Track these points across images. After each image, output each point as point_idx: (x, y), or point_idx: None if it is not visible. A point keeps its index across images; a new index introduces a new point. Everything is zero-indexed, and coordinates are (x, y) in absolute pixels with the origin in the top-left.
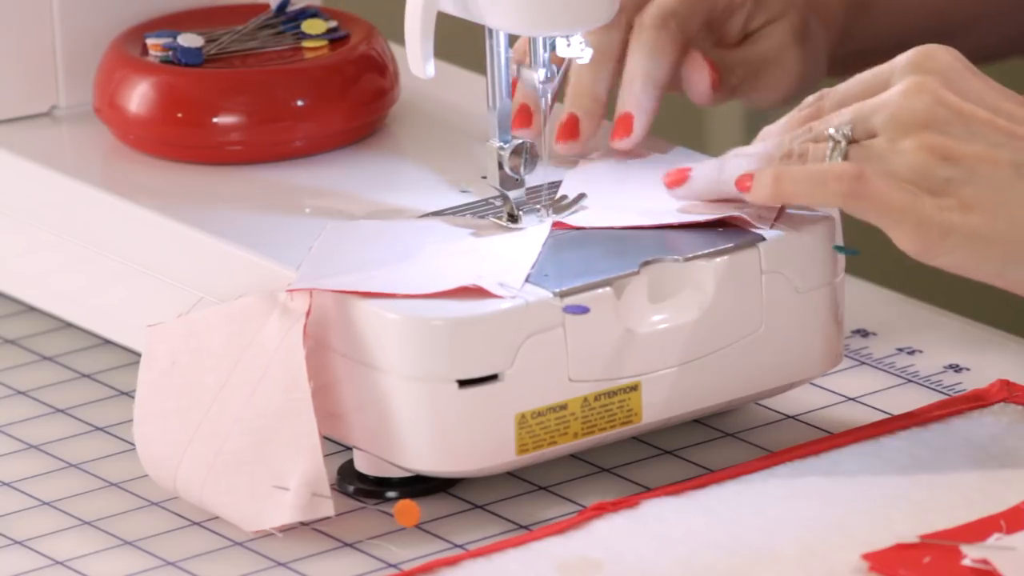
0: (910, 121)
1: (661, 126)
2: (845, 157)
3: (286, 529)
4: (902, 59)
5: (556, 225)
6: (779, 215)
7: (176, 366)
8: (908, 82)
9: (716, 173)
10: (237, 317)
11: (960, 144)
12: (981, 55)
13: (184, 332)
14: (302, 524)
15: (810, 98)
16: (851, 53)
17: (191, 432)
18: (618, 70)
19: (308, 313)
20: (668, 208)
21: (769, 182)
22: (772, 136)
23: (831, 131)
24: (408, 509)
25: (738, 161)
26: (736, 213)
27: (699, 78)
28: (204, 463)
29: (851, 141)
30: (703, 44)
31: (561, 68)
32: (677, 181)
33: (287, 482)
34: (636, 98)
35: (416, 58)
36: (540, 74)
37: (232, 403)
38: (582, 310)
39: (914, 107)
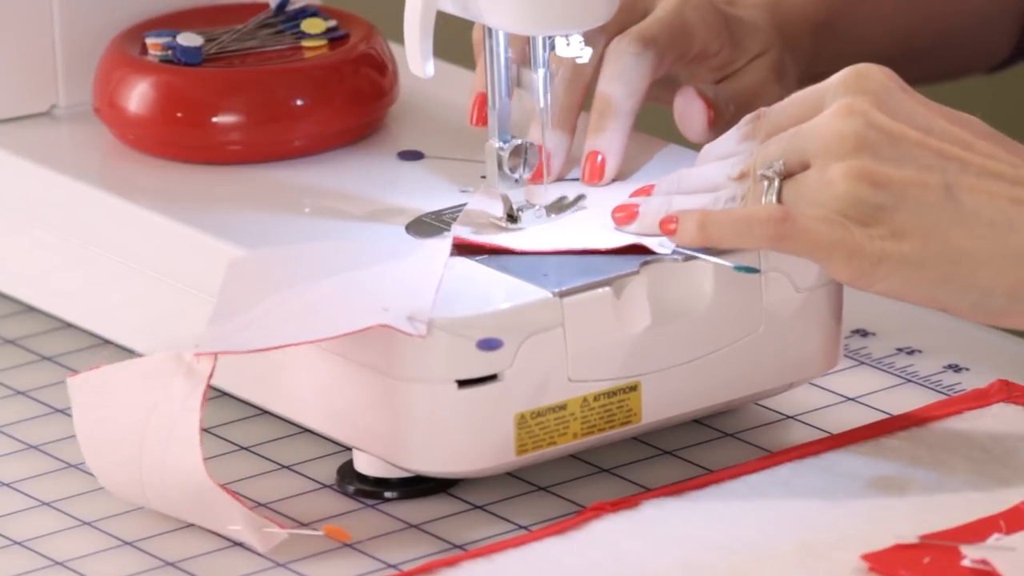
0: (840, 146)
1: (660, 124)
2: (779, 193)
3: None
4: (836, 79)
5: (457, 242)
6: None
7: (103, 421)
8: (839, 105)
9: (665, 209)
10: (147, 374)
11: (890, 168)
12: (943, 75)
13: (100, 385)
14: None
15: (749, 116)
16: (817, 75)
17: (139, 486)
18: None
19: (210, 376)
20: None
21: (694, 227)
22: (711, 156)
23: (762, 171)
24: (336, 533)
25: (683, 200)
26: (639, 241)
27: (694, 114)
28: (165, 509)
29: (785, 176)
30: (686, 80)
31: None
32: (626, 218)
33: (235, 523)
34: (608, 139)
35: (416, 58)
36: (540, 74)
37: (155, 460)
38: (495, 344)
39: (843, 131)
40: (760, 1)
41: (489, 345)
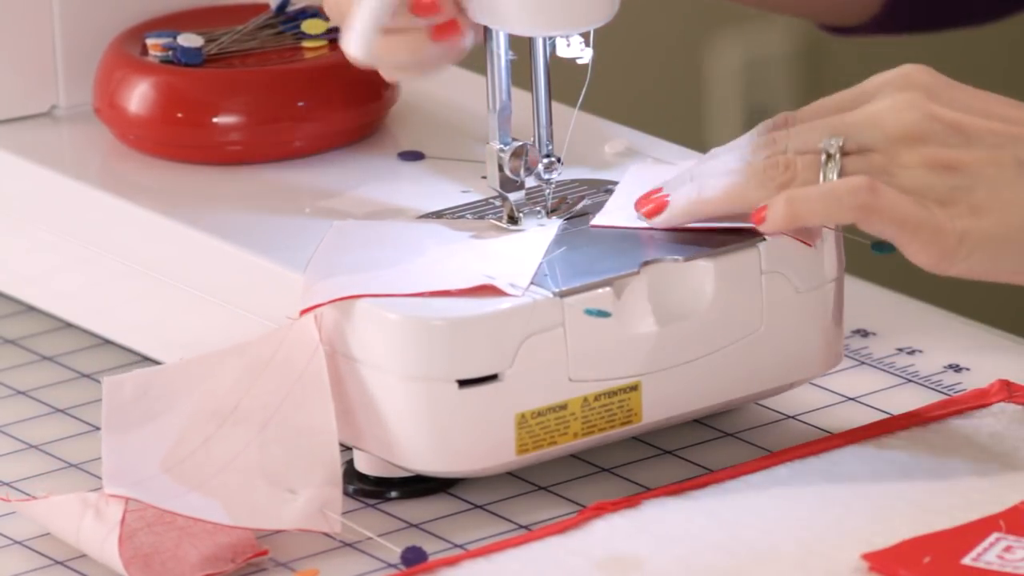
0: (905, 136)
1: (660, 126)
2: (842, 171)
3: None
4: (878, 80)
5: (303, 313)
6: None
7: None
8: (893, 99)
9: (696, 195)
10: (51, 515)
11: (960, 152)
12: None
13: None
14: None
15: (769, 121)
16: None
17: None
18: None
19: (123, 522)
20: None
21: (783, 207)
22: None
23: (823, 144)
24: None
25: (715, 181)
26: (491, 282)
27: None
28: None
29: (844, 154)
30: None
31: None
32: (656, 210)
33: None
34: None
35: (355, 38)
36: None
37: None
38: (420, 556)
39: (905, 122)
40: None
41: (411, 559)
